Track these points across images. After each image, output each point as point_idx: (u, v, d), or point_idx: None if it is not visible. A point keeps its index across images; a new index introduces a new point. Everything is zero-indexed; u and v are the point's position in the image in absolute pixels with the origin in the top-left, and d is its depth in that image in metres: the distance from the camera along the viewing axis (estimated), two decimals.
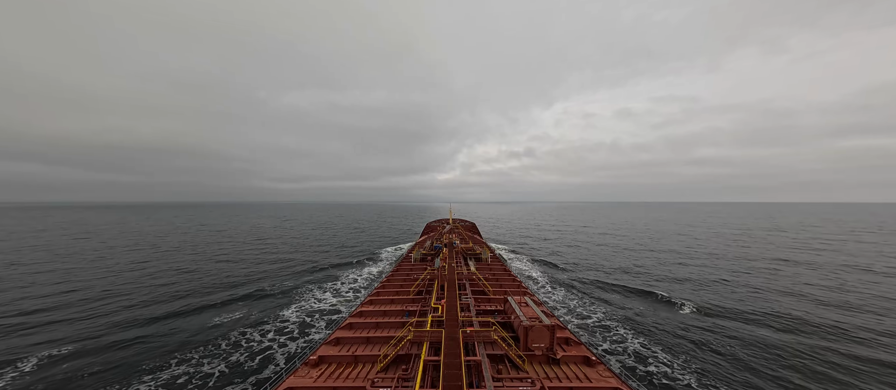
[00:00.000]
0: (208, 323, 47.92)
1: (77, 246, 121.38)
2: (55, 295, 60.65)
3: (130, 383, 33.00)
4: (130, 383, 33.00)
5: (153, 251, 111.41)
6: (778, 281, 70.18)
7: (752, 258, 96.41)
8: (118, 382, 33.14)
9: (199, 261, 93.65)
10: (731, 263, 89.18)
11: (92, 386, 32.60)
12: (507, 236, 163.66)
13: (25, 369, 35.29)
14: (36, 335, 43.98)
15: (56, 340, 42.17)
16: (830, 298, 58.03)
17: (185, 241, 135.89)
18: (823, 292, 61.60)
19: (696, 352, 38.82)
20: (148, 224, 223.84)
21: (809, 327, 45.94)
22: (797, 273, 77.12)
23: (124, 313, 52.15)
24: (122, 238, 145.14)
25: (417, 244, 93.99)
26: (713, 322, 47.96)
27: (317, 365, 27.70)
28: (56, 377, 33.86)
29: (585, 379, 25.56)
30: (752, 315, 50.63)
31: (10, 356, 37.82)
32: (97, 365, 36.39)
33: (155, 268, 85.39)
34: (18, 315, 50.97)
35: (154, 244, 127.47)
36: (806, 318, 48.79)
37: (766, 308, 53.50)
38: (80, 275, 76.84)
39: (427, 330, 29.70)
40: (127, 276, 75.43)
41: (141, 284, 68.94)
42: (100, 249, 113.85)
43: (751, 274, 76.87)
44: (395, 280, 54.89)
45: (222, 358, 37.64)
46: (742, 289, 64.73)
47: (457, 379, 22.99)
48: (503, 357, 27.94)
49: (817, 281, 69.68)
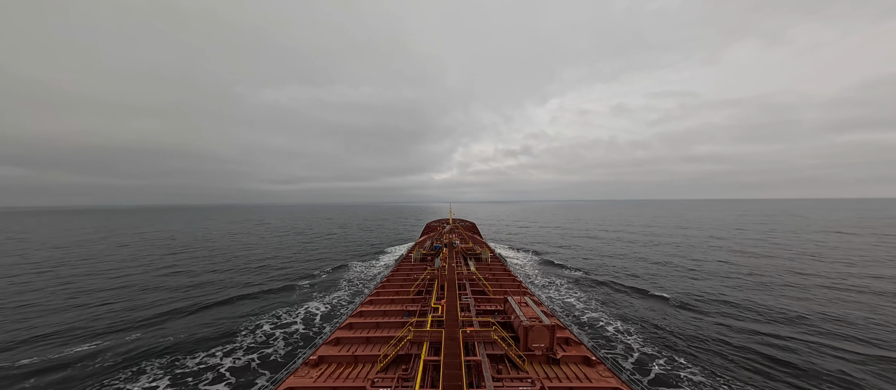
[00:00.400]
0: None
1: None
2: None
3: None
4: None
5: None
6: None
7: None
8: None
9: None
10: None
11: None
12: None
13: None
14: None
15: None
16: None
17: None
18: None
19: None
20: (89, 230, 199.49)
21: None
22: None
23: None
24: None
25: (417, 244, 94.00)
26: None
27: (317, 365, 27.69)
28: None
29: (585, 379, 25.55)
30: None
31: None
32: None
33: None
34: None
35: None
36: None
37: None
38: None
39: (427, 330, 29.70)
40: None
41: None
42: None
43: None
44: (395, 280, 54.89)
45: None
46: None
47: (457, 379, 22.99)
48: (503, 357, 27.93)
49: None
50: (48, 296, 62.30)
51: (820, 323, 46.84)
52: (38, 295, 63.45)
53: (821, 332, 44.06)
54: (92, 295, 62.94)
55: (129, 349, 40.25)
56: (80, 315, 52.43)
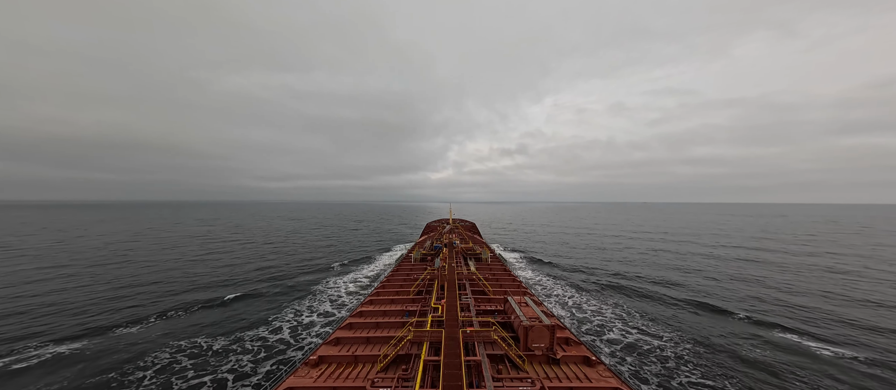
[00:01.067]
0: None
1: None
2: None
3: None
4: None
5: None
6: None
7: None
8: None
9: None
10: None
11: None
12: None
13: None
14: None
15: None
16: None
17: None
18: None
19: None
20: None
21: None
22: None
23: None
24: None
25: (417, 244, 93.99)
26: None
27: (317, 365, 27.68)
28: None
29: (585, 379, 25.55)
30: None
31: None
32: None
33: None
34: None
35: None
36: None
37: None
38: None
39: (427, 330, 29.70)
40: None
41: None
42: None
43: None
44: (395, 280, 54.88)
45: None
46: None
47: (457, 379, 22.98)
48: (503, 357, 27.93)
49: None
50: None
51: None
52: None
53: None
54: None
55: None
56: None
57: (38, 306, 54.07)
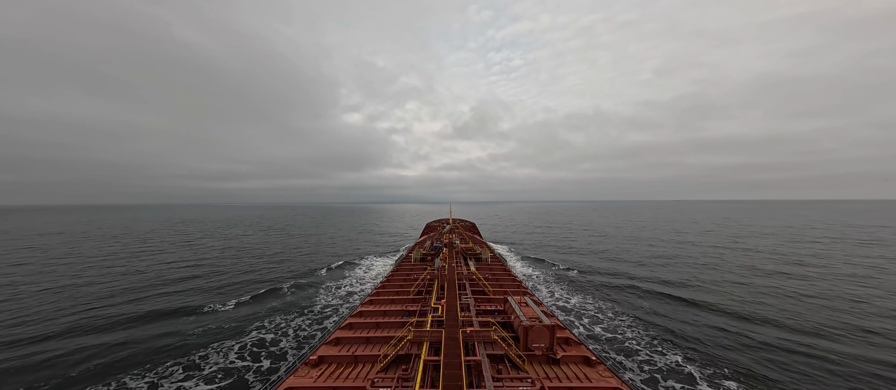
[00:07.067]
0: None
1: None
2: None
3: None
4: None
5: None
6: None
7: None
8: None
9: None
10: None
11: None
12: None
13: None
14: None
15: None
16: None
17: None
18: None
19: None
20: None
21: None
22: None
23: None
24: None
25: (417, 244, 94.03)
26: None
27: (317, 365, 27.69)
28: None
29: (585, 379, 25.56)
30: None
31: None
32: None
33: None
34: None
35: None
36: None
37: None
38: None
39: (427, 330, 29.70)
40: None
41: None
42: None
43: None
44: (395, 280, 54.90)
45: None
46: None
47: (457, 379, 22.98)
48: (503, 357, 27.94)
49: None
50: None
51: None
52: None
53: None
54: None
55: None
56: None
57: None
